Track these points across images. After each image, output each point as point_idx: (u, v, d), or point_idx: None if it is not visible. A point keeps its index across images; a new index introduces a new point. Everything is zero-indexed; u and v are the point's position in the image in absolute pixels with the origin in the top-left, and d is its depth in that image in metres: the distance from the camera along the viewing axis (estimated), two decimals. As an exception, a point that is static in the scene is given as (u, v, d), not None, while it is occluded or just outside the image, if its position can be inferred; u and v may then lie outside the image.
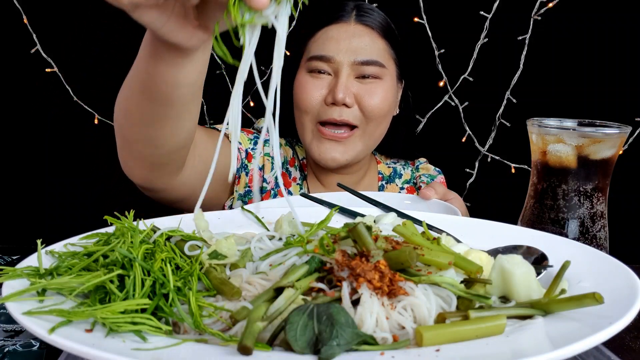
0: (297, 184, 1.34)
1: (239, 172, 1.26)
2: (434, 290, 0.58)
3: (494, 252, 0.75)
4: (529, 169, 1.00)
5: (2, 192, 1.92)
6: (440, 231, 0.82)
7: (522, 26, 1.74)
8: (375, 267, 0.56)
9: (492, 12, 1.73)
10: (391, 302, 0.55)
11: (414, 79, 1.43)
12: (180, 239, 0.68)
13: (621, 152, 0.97)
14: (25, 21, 1.79)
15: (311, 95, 1.24)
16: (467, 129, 1.82)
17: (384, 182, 1.43)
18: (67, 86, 1.83)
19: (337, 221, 0.85)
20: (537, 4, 1.72)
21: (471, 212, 1.55)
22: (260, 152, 1.25)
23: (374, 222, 0.80)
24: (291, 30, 1.65)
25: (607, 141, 0.89)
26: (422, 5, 1.75)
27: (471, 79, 1.78)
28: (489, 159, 1.83)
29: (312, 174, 1.38)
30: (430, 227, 0.82)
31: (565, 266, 0.63)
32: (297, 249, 0.67)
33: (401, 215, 0.87)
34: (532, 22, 1.73)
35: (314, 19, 1.31)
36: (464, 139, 1.82)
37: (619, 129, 0.90)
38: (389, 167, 1.46)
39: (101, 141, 1.85)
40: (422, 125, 1.85)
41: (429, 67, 1.79)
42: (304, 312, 0.51)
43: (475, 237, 0.80)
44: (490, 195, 1.84)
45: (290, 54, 1.35)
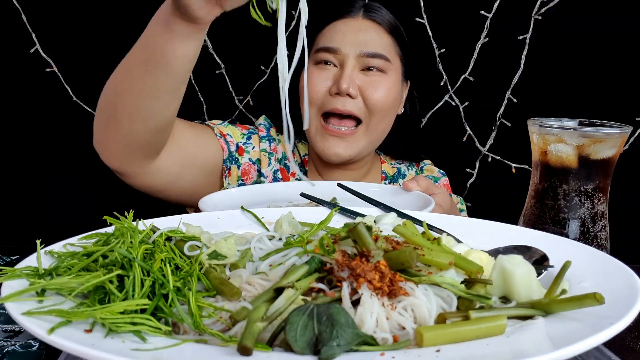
0: (297, 179, 1.35)
1: (229, 165, 1.26)
2: (435, 290, 0.57)
3: (495, 252, 0.75)
4: (530, 169, 1.00)
5: (2, 192, 1.92)
6: (440, 231, 0.82)
7: (522, 26, 1.74)
8: (375, 267, 0.56)
9: (493, 11, 1.73)
10: (391, 303, 0.55)
11: (415, 78, 1.43)
12: (179, 239, 0.68)
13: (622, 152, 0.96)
14: (24, 21, 1.79)
15: (316, 85, 1.26)
16: (468, 128, 1.82)
17: (387, 182, 1.43)
18: (67, 86, 1.83)
19: (337, 221, 0.85)
20: (538, 3, 1.71)
21: (471, 212, 1.55)
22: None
23: (374, 222, 0.80)
24: (293, 27, 1.65)
25: (608, 141, 0.89)
26: (422, 5, 1.75)
27: (472, 78, 1.78)
28: (490, 159, 1.83)
29: (314, 169, 1.39)
30: (430, 227, 0.82)
31: (565, 266, 0.62)
32: (297, 249, 0.67)
33: (401, 215, 0.87)
34: (532, 22, 1.73)
35: (323, 14, 1.33)
36: (464, 139, 1.82)
37: (620, 128, 0.90)
38: (393, 167, 1.47)
39: (101, 141, 1.84)
40: (422, 125, 1.84)
41: (429, 67, 1.79)
42: (304, 312, 0.51)
43: (475, 237, 0.80)
44: (490, 195, 1.83)
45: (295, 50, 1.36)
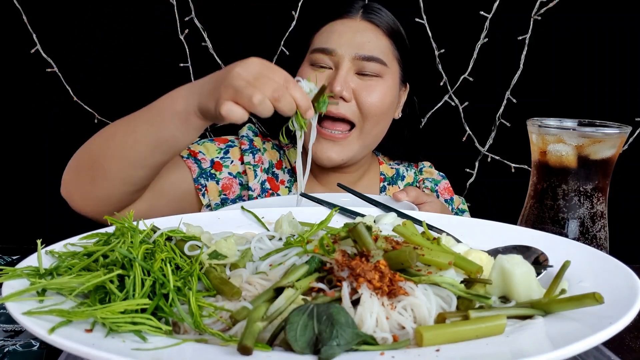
0: (286, 187, 1.32)
1: (204, 182, 1.23)
2: (434, 290, 0.58)
3: (494, 252, 0.75)
4: (529, 169, 1.00)
5: (2, 192, 1.92)
6: (440, 231, 0.82)
7: (522, 26, 1.74)
8: (375, 267, 0.56)
9: (492, 12, 1.73)
10: (391, 302, 0.55)
11: (414, 83, 1.42)
12: (180, 239, 0.68)
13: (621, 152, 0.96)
14: (25, 21, 1.79)
15: None
16: (467, 129, 1.82)
17: (385, 184, 1.40)
18: (67, 86, 1.83)
19: (337, 221, 0.85)
20: (537, 4, 1.71)
21: (471, 212, 1.55)
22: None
23: (374, 222, 0.80)
24: (294, 27, 1.66)
25: (607, 141, 0.89)
26: (422, 5, 1.75)
27: (471, 79, 1.78)
28: (489, 159, 1.82)
29: (310, 172, 1.37)
30: (430, 227, 0.82)
31: (565, 266, 0.63)
32: (297, 249, 0.67)
33: (401, 215, 0.87)
34: (532, 22, 1.73)
35: (321, 13, 1.31)
36: (464, 139, 1.82)
37: (619, 129, 0.90)
38: (392, 168, 1.44)
39: (101, 141, 1.84)
40: (422, 125, 1.84)
41: (429, 67, 1.79)
42: (304, 312, 0.51)
43: (475, 237, 0.80)
44: (490, 195, 1.83)
45: (294, 52, 1.35)
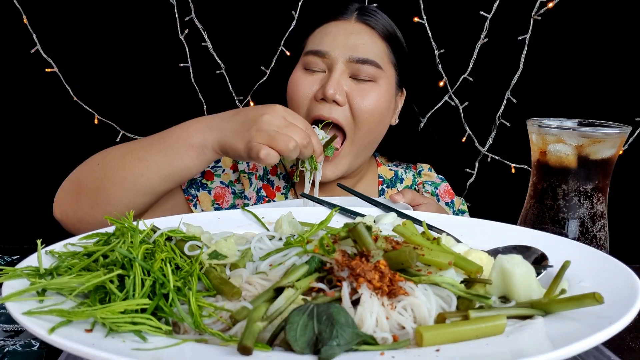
0: (282, 194, 1.30)
1: (195, 192, 1.22)
2: (434, 290, 0.58)
3: (494, 252, 0.75)
4: (529, 169, 1.00)
5: (2, 192, 1.92)
6: (440, 231, 0.82)
7: (522, 26, 1.74)
8: (375, 267, 0.56)
9: (492, 12, 1.73)
10: (391, 302, 0.55)
11: (412, 88, 1.41)
12: (180, 239, 0.68)
13: (621, 152, 0.96)
14: (25, 21, 1.79)
15: (302, 90, 1.19)
16: (467, 129, 1.82)
17: (384, 186, 1.37)
18: (67, 86, 1.83)
19: (337, 221, 0.85)
20: (537, 4, 1.72)
21: (471, 212, 1.55)
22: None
23: (374, 222, 0.80)
24: (292, 29, 1.65)
25: (607, 141, 0.89)
26: (422, 5, 1.75)
27: (471, 79, 1.78)
28: (489, 159, 1.83)
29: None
30: (430, 227, 0.82)
31: (565, 266, 0.63)
32: (297, 249, 0.67)
33: (401, 215, 0.87)
34: (532, 22, 1.73)
35: (315, 15, 1.28)
36: (464, 139, 1.82)
37: (619, 129, 0.90)
38: (391, 169, 1.40)
39: (101, 141, 1.85)
40: (422, 125, 1.84)
41: (427, 71, 1.79)
42: (304, 312, 0.51)
43: (475, 237, 0.80)
44: (490, 195, 1.84)
45: (290, 54, 1.34)
